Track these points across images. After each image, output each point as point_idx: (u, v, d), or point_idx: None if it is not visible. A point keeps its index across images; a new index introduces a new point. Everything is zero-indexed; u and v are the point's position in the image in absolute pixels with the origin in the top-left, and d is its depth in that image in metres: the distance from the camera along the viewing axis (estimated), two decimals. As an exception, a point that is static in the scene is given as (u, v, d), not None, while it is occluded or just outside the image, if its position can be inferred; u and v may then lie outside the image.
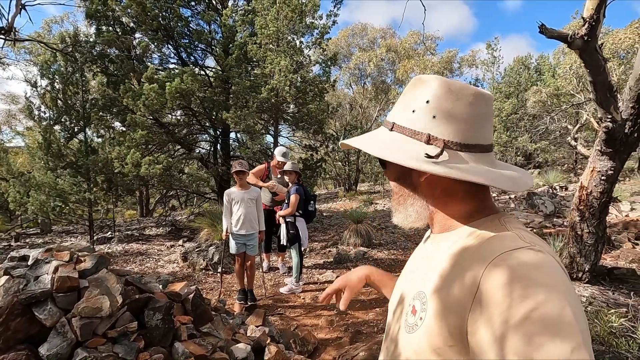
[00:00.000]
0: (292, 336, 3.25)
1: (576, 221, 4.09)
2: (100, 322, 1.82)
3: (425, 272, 0.69)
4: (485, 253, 0.57)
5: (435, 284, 0.62)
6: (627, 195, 8.80)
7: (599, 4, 2.43)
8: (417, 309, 0.64)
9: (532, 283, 0.49)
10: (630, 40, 10.91)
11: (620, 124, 3.17)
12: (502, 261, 0.54)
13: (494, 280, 0.52)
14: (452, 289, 0.58)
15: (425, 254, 0.74)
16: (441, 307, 0.59)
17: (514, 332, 0.47)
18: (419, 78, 0.67)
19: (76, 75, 7.79)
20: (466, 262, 0.59)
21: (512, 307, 0.48)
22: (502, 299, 0.50)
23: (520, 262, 0.52)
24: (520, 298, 0.48)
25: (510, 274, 0.51)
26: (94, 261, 2.04)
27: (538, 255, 0.54)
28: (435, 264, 0.66)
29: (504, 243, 0.57)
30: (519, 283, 0.50)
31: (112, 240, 7.46)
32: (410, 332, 0.64)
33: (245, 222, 4.02)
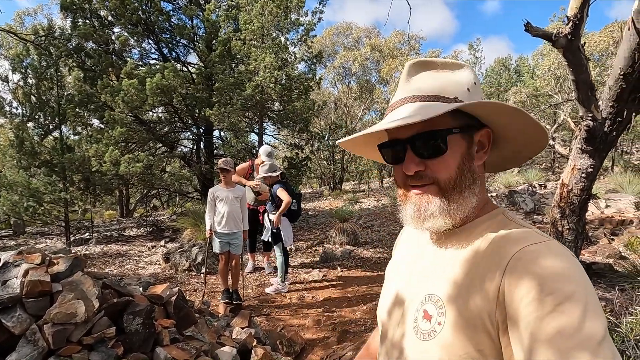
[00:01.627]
0: (278, 337, 3.19)
1: (557, 218, 4.17)
2: (75, 328, 1.71)
3: (432, 274, 0.64)
4: (502, 254, 0.55)
5: (453, 288, 0.59)
6: (602, 192, 9.11)
7: (582, 3, 2.47)
8: (433, 314, 0.60)
9: (553, 290, 0.49)
10: (604, 43, 11.30)
11: (601, 123, 3.24)
12: (519, 262, 0.52)
13: (516, 288, 0.51)
14: (474, 294, 0.55)
15: (425, 253, 0.69)
16: (463, 310, 0.56)
17: (544, 345, 0.47)
18: (446, 62, 0.65)
19: (51, 69, 7.47)
20: (483, 264, 0.57)
21: (538, 319, 0.48)
22: (528, 312, 0.49)
23: (539, 264, 0.51)
24: (544, 309, 0.48)
25: (531, 279, 0.50)
26: (68, 264, 1.92)
27: (553, 250, 0.53)
28: (446, 266, 0.62)
29: (521, 239, 0.56)
30: (542, 291, 0.49)
31: (89, 242, 7.19)
32: (426, 340, 0.59)
33: (230, 220, 3.95)
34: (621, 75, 3.00)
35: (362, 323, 3.68)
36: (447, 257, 0.63)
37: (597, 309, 0.48)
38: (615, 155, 14.38)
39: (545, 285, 0.49)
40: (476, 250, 0.59)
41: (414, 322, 0.63)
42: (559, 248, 0.53)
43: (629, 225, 6.86)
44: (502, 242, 0.57)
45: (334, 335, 3.48)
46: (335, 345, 3.29)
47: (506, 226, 0.60)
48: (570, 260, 0.52)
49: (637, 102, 3.18)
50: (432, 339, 0.58)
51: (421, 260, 0.70)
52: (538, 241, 0.54)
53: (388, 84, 17.86)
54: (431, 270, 0.65)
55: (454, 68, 0.65)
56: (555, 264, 0.50)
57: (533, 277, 0.50)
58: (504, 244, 0.56)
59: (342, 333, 3.50)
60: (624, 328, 1.91)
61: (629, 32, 2.81)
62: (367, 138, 0.71)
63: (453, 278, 0.59)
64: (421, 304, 0.62)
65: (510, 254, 0.54)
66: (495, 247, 0.57)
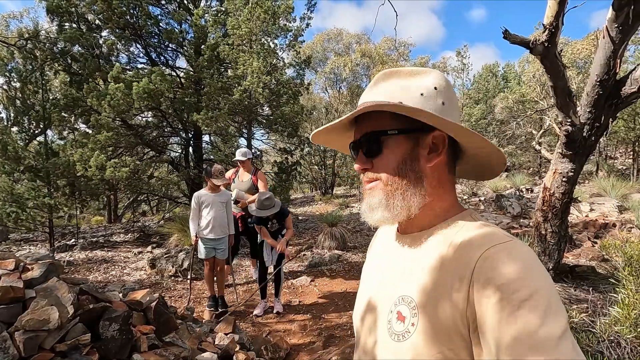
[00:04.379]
0: (263, 342, 3.16)
1: (540, 221, 4.24)
2: (48, 335, 1.68)
3: (404, 274, 0.65)
4: (473, 250, 0.57)
5: (425, 289, 0.60)
6: (586, 196, 9.29)
7: (557, 12, 2.54)
8: (406, 315, 0.61)
9: (515, 295, 0.50)
10: (586, 51, 11.60)
11: (579, 128, 3.32)
12: (484, 266, 0.54)
13: (482, 296, 0.52)
14: (445, 290, 0.57)
15: (396, 255, 0.70)
16: (435, 310, 0.57)
17: (506, 353, 0.48)
18: (398, 70, 0.67)
19: (36, 73, 7.37)
20: (454, 261, 0.58)
21: (501, 327, 0.49)
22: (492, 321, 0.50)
23: (501, 268, 0.53)
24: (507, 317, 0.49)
25: (495, 285, 0.52)
26: (43, 269, 1.89)
27: (515, 251, 0.55)
28: (416, 268, 0.63)
29: (489, 238, 0.57)
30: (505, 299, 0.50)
31: (74, 248, 7.05)
32: (400, 341, 0.60)
33: (216, 225, 3.91)
34: (598, 81, 3.08)
35: (348, 327, 3.68)
36: (417, 259, 0.64)
37: (557, 308, 0.49)
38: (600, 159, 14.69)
39: (505, 289, 0.50)
40: (444, 252, 0.60)
41: (388, 323, 0.63)
42: (519, 249, 0.55)
43: (612, 228, 7.00)
44: (467, 245, 0.58)
45: (319, 340, 3.46)
46: (320, 350, 3.27)
47: (472, 227, 0.61)
48: (528, 261, 0.53)
49: (614, 108, 3.27)
50: (405, 340, 0.59)
51: (393, 262, 0.70)
52: (499, 242, 0.56)
53: (378, 90, 17.99)
54: (403, 272, 0.66)
55: (419, 74, 0.66)
56: (515, 266, 0.52)
57: (494, 282, 0.51)
58: (468, 247, 0.58)
59: (328, 338, 3.49)
60: (598, 328, 1.95)
61: (604, 40, 2.90)
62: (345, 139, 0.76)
63: (424, 280, 0.60)
64: (395, 306, 0.63)
65: (475, 257, 0.55)
66: (461, 250, 0.58)
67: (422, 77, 0.65)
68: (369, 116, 0.65)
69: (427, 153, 0.64)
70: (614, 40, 2.82)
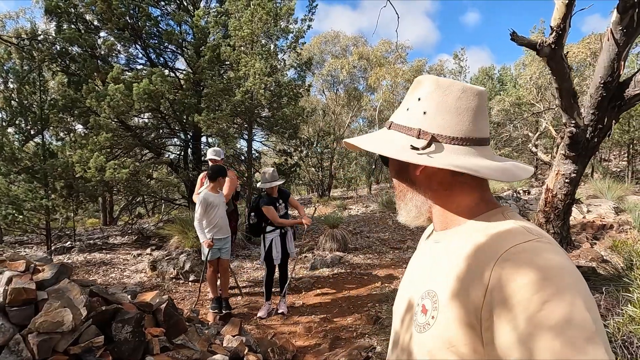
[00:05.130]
0: (269, 345, 3.14)
1: (542, 222, 4.27)
2: (62, 337, 1.65)
3: (432, 270, 0.68)
4: (494, 248, 0.57)
5: (446, 282, 0.61)
6: (583, 198, 9.38)
7: (565, 14, 2.57)
8: (428, 308, 0.63)
9: (550, 282, 0.50)
10: (582, 54, 11.75)
11: (583, 129, 3.36)
12: (512, 255, 0.54)
13: (506, 277, 0.52)
14: (464, 286, 0.58)
15: (429, 252, 0.73)
16: (454, 304, 0.58)
17: (546, 333, 0.47)
18: (417, 79, 0.70)
19: (33, 73, 7.29)
20: (475, 257, 0.59)
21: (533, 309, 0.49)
22: (526, 298, 0.50)
23: (531, 257, 0.53)
24: (539, 299, 0.49)
25: (527, 267, 0.51)
26: (54, 271, 1.86)
27: (547, 248, 0.54)
28: (444, 262, 0.65)
29: (512, 237, 0.57)
30: (535, 281, 0.50)
31: (72, 250, 6.96)
32: (421, 332, 0.63)
33: (223, 225, 3.93)
34: (601, 83, 3.12)
35: (353, 329, 3.66)
36: (443, 255, 0.66)
37: (589, 303, 0.49)
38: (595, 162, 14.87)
39: (542, 276, 0.50)
40: (471, 246, 0.61)
41: (415, 315, 0.66)
42: (542, 247, 0.55)
43: (609, 230, 7.07)
44: (495, 238, 0.59)
45: (325, 342, 3.44)
46: (327, 352, 3.26)
47: (498, 225, 0.62)
48: (563, 255, 0.54)
49: (617, 110, 3.31)
50: (426, 332, 0.61)
51: (425, 258, 0.74)
52: (522, 241, 0.56)
53: (375, 92, 18.10)
54: (431, 267, 0.69)
55: (420, 82, 0.69)
56: (550, 257, 0.52)
57: (529, 268, 0.51)
58: (497, 241, 0.58)
59: (334, 340, 3.47)
60: (611, 328, 1.96)
61: (609, 42, 2.94)
62: None
63: (447, 273, 0.62)
64: (421, 299, 0.66)
65: (503, 249, 0.55)
66: (488, 243, 0.59)
67: (417, 89, 0.68)
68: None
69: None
70: (618, 43, 2.86)
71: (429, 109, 0.65)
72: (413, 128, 0.65)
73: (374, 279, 5.17)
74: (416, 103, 0.66)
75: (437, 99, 0.65)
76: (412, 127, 0.65)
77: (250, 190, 7.49)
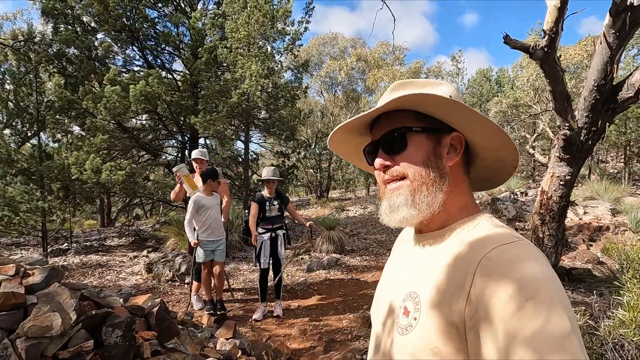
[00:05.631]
0: (264, 348, 3.13)
1: (537, 224, 4.27)
2: (51, 342, 1.64)
3: (415, 272, 0.68)
4: (474, 254, 0.57)
5: (429, 284, 0.61)
6: (580, 200, 9.40)
7: (557, 18, 2.58)
8: (410, 310, 0.63)
9: (525, 290, 0.50)
10: (579, 57, 11.80)
11: (577, 132, 3.36)
12: (490, 261, 0.54)
13: (488, 286, 0.53)
14: (446, 289, 0.58)
15: (412, 254, 0.72)
16: (436, 306, 0.58)
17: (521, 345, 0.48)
18: (427, 81, 0.71)
19: (30, 75, 7.29)
20: (458, 260, 0.59)
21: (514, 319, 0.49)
22: (503, 310, 0.50)
23: (508, 263, 0.53)
24: (517, 309, 0.49)
25: (504, 278, 0.52)
26: (44, 275, 1.85)
27: (522, 249, 0.55)
28: (427, 264, 0.65)
29: (491, 241, 0.58)
30: (518, 291, 0.50)
31: (68, 252, 6.94)
32: (403, 334, 0.62)
33: (216, 227, 3.92)
34: (595, 86, 3.13)
35: (348, 332, 3.66)
36: (428, 257, 0.66)
37: (566, 305, 0.50)
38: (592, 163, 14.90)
39: (516, 284, 0.51)
40: (453, 250, 0.62)
41: (397, 318, 0.66)
42: (529, 248, 0.56)
43: (605, 232, 7.09)
44: (476, 243, 0.59)
45: (320, 344, 3.44)
46: (321, 355, 3.25)
47: (483, 228, 0.62)
48: (539, 260, 0.54)
49: (610, 113, 3.32)
50: (408, 334, 0.61)
51: (408, 260, 0.73)
52: (508, 241, 0.56)
53: (374, 94, 18.10)
54: (414, 269, 0.68)
55: (433, 85, 0.69)
56: (525, 263, 0.53)
57: (504, 277, 0.52)
58: (476, 245, 0.59)
59: (329, 342, 3.47)
60: (602, 331, 1.96)
61: (601, 45, 2.95)
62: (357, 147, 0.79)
63: (430, 276, 0.62)
64: (403, 301, 0.65)
65: (482, 254, 0.56)
66: (469, 248, 0.59)
67: (437, 87, 0.69)
68: (392, 116, 0.68)
69: (447, 153, 0.67)
70: (611, 46, 2.87)
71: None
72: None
73: (370, 281, 5.17)
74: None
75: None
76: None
77: (247, 191, 7.48)
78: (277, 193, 4.13)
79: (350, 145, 0.81)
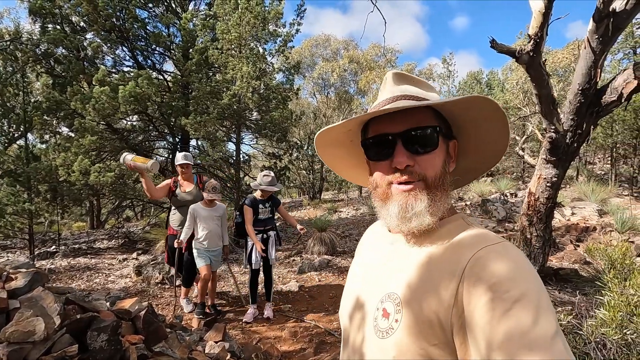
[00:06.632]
0: (254, 350, 3.12)
1: (525, 225, 4.33)
2: (33, 347, 1.62)
3: (392, 273, 0.66)
4: (458, 258, 0.57)
5: (410, 287, 0.60)
6: (568, 201, 9.55)
7: (542, 23, 2.63)
8: (391, 312, 0.61)
9: (507, 295, 0.50)
10: (567, 60, 12.00)
11: (563, 135, 3.43)
12: (475, 267, 0.54)
13: (473, 295, 0.52)
14: (430, 295, 0.57)
15: (388, 254, 0.70)
16: (420, 311, 0.57)
17: (498, 352, 0.48)
18: (425, 82, 0.72)
19: (17, 75, 7.17)
20: (441, 266, 0.58)
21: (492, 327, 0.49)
22: (484, 320, 0.50)
23: (493, 268, 0.53)
24: (499, 317, 0.49)
25: (487, 285, 0.52)
26: (28, 279, 1.82)
27: (506, 252, 0.55)
28: (405, 266, 0.64)
29: (474, 243, 0.58)
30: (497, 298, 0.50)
31: (56, 255, 6.84)
32: (384, 337, 0.60)
33: (212, 238, 3.89)
34: (579, 90, 3.19)
35: (339, 333, 3.66)
36: (408, 258, 0.64)
37: (547, 307, 0.50)
38: (579, 165, 15.16)
39: (497, 289, 0.50)
40: (435, 252, 0.61)
41: (374, 320, 0.63)
42: (510, 250, 0.55)
43: (592, 232, 7.21)
44: (459, 245, 0.59)
45: (310, 346, 3.44)
46: (312, 357, 3.25)
47: (464, 229, 0.62)
48: (520, 261, 0.54)
49: (595, 116, 3.38)
50: (389, 337, 0.59)
51: (383, 260, 0.71)
52: (491, 243, 0.56)
53: (366, 95, 18.18)
54: (392, 270, 0.66)
55: (428, 88, 0.71)
56: (506, 266, 0.52)
57: (486, 281, 0.52)
58: (460, 247, 0.58)
59: (319, 344, 3.47)
60: (585, 330, 1.99)
61: (585, 50, 3.01)
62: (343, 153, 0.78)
63: (412, 278, 0.61)
64: (381, 303, 0.63)
65: (467, 257, 0.55)
66: (453, 249, 0.59)
67: (433, 93, 0.70)
68: (409, 112, 0.62)
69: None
70: (594, 51, 2.93)
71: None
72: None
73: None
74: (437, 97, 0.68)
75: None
76: None
77: (238, 193, 7.45)
78: (270, 196, 4.13)
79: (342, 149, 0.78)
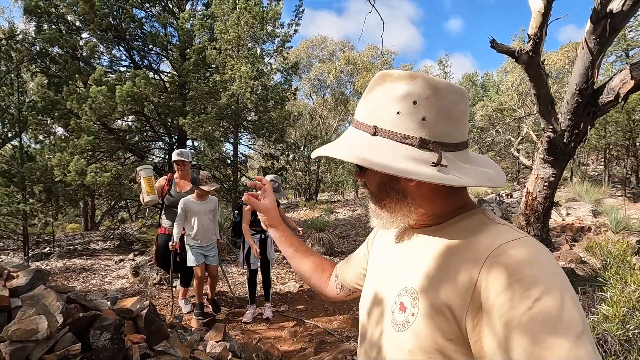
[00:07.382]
0: (254, 350, 3.11)
1: (523, 225, 4.36)
2: (36, 345, 1.60)
3: (410, 267, 0.66)
4: (480, 248, 0.56)
5: (428, 279, 0.60)
6: (562, 201, 9.65)
7: (541, 23, 2.66)
8: (407, 305, 0.61)
9: (531, 280, 0.49)
10: (561, 62, 12.16)
11: (560, 134, 3.46)
12: (498, 257, 0.53)
13: (493, 280, 0.51)
14: (447, 284, 0.57)
15: (404, 250, 0.70)
16: (436, 302, 0.57)
17: (519, 332, 0.47)
18: (389, 74, 0.61)
19: (11, 74, 7.10)
20: (460, 257, 0.58)
21: (514, 307, 0.49)
22: (503, 301, 0.49)
23: (516, 257, 0.52)
24: (520, 298, 0.48)
25: (509, 271, 0.51)
26: (29, 277, 1.80)
27: (531, 245, 0.54)
28: (423, 259, 0.64)
29: (497, 237, 0.57)
30: (518, 281, 0.50)
31: (50, 256, 6.76)
32: (400, 331, 0.61)
33: (205, 233, 3.85)
34: (577, 90, 3.23)
35: (339, 333, 3.66)
36: (424, 252, 0.64)
37: (575, 303, 0.49)
38: (574, 166, 15.33)
39: (523, 279, 0.50)
40: (452, 244, 0.61)
41: (392, 314, 0.64)
42: (535, 244, 0.55)
43: (587, 232, 7.29)
44: (479, 237, 0.58)
45: (310, 346, 3.43)
46: (312, 357, 3.25)
47: (484, 224, 0.62)
48: (545, 255, 0.53)
49: (592, 116, 3.43)
50: (406, 330, 0.59)
51: (400, 255, 0.71)
52: (515, 238, 0.56)
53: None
54: (409, 264, 0.67)
55: (404, 80, 0.60)
56: (532, 259, 0.52)
57: (511, 272, 0.51)
58: (481, 240, 0.58)
59: (319, 344, 3.47)
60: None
61: (583, 51, 3.05)
62: None
63: (427, 270, 0.61)
64: (398, 297, 0.64)
65: (489, 249, 0.55)
66: (471, 242, 0.59)
67: (405, 86, 0.59)
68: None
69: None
70: (592, 51, 2.97)
71: (429, 115, 0.58)
72: (412, 136, 0.58)
73: (360, 283, 5.18)
74: (410, 107, 0.58)
75: (436, 104, 0.59)
76: (411, 135, 0.58)
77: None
78: None
79: None
